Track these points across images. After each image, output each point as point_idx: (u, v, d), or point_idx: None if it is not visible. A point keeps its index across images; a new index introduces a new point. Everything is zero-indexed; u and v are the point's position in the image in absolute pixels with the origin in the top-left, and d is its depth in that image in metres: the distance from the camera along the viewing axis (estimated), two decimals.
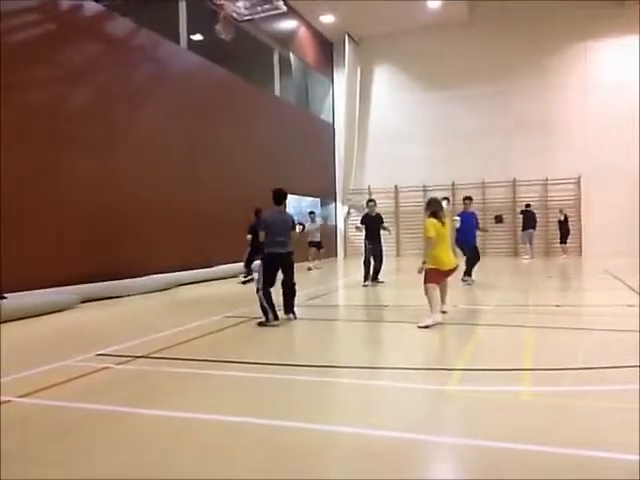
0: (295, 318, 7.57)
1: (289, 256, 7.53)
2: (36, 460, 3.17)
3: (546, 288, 11.71)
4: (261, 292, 7.24)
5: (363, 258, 12.28)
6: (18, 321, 7.93)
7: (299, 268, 16.53)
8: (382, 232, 12.26)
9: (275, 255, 7.37)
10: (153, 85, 13.18)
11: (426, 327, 6.86)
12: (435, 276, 7.27)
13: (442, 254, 7.28)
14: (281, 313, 7.52)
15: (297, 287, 7.75)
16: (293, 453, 3.19)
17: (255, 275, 7.28)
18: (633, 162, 19.83)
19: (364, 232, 12.26)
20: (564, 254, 19.53)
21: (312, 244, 16.86)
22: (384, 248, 12.48)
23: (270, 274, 7.35)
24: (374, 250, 12.10)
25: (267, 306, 7.20)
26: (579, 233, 20.84)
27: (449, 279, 7.79)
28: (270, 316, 7.23)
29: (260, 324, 7.18)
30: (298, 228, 8.19)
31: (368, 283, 11.93)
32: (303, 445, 3.31)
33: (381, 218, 12.42)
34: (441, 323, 7.02)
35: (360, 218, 12.86)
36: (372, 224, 12.17)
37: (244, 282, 13.14)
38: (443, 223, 7.33)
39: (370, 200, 12.71)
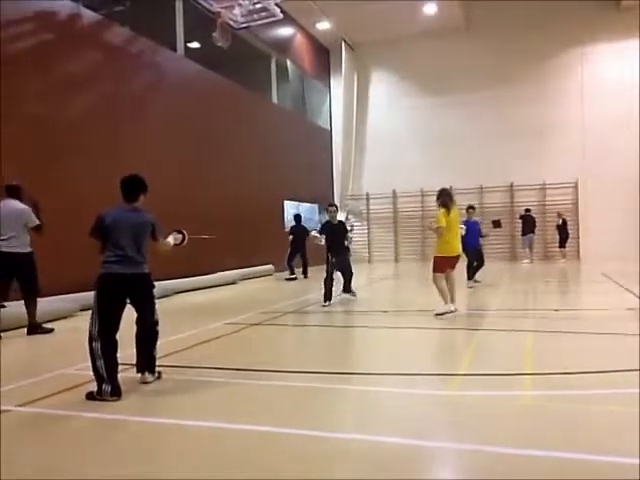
0: (157, 378, 4.90)
1: (140, 280, 4.74)
2: (35, 467, 3.15)
3: (545, 292, 11.72)
4: (97, 343, 4.43)
5: (325, 275, 9.98)
6: (17, 330, 7.89)
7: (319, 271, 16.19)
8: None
9: (114, 277, 4.59)
10: (151, 93, 13.21)
11: (441, 315, 7.75)
12: (442, 264, 8.06)
13: (451, 240, 8.05)
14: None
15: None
16: (297, 460, 3.18)
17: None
18: (631, 167, 19.88)
19: (325, 243, 10.09)
20: (563, 258, 19.55)
21: None
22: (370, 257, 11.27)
23: (108, 310, 4.53)
24: (340, 264, 10.16)
25: (102, 370, 4.36)
26: (577, 237, 20.87)
27: (455, 277, 8.33)
28: (105, 387, 4.33)
29: (88, 396, 4.36)
30: (173, 237, 5.18)
31: (328, 303, 9.74)
32: (307, 452, 3.30)
33: (345, 227, 10.70)
34: (453, 312, 7.81)
35: (320, 227, 10.82)
36: (334, 234, 10.13)
37: (288, 279, 14.99)
38: (449, 212, 7.96)
39: (331, 205, 10.84)
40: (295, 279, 15.10)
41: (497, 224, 15.65)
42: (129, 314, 4.78)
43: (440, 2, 20.09)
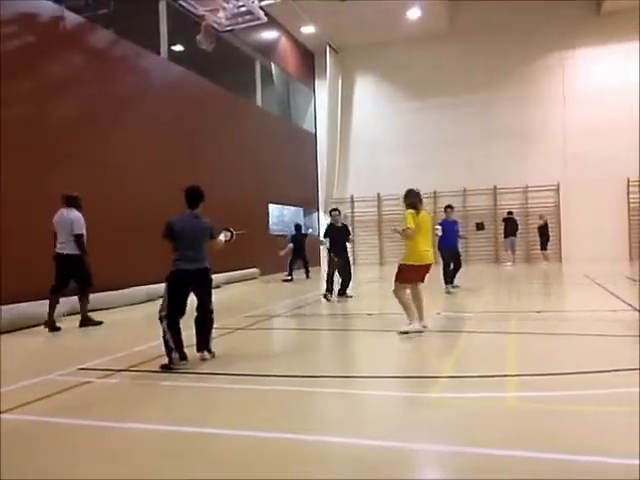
0: (212, 356, 5.93)
1: (202, 274, 5.94)
2: (23, 473, 3.13)
3: (528, 294, 11.83)
4: (165, 322, 5.60)
5: (327, 271, 11.05)
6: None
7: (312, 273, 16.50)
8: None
9: (182, 273, 5.72)
10: (134, 95, 13.12)
11: (405, 333, 6.76)
12: (408, 274, 7.00)
13: (420, 246, 6.98)
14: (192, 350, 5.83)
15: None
16: (280, 463, 3.18)
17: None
18: (611, 169, 20.14)
19: (328, 244, 11.03)
20: (545, 260, 19.73)
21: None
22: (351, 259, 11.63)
23: (177, 299, 5.66)
24: (341, 263, 11.02)
25: (171, 342, 5.52)
26: (559, 239, 21.10)
27: (424, 286, 7.39)
28: (175, 355, 5.51)
29: (163, 367, 5.45)
30: (224, 235, 6.49)
31: (334, 299, 10.76)
32: (289, 455, 3.30)
33: (347, 229, 11.47)
34: (421, 331, 6.87)
35: (324, 230, 11.41)
36: (338, 236, 11.02)
37: (285, 280, 15.97)
38: (418, 213, 7.02)
39: (334, 209, 11.62)
40: (291, 280, 15.90)
41: (480, 227, 15.77)
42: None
43: (424, 6, 20.22)
